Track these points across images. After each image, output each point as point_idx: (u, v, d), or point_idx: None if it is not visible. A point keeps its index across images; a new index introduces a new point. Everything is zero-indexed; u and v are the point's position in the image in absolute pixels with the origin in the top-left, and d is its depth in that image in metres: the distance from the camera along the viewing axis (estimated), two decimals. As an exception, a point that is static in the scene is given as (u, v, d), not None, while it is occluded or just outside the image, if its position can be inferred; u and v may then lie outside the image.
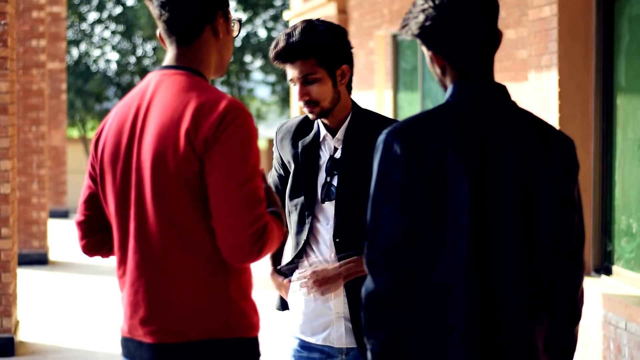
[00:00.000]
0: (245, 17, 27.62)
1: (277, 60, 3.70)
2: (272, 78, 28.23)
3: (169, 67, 2.92)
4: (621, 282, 6.45)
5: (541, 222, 2.75)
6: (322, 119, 3.77)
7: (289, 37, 3.66)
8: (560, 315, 2.84)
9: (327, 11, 14.41)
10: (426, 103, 11.27)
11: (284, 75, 4.28)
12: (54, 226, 15.95)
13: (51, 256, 13.20)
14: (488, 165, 2.71)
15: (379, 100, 12.94)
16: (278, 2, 27.81)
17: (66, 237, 15.03)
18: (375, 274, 2.69)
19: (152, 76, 2.93)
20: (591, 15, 6.72)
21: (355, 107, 3.79)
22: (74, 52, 27.59)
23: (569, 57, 6.72)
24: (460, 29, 2.74)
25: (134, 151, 2.86)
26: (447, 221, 2.68)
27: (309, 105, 3.70)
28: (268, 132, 29.94)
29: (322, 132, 3.79)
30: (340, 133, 3.76)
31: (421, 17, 2.76)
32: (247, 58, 28.02)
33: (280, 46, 3.67)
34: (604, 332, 6.19)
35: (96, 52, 28.03)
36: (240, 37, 27.17)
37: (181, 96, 2.83)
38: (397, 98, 12.48)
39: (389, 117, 3.86)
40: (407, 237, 2.68)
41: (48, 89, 14.74)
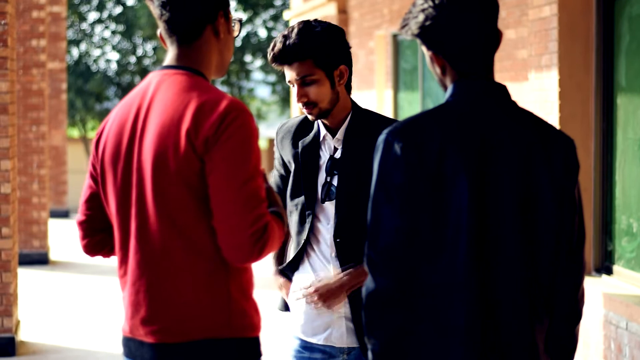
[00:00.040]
0: (246, 17, 27.62)
1: (274, 63, 3.70)
2: (272, 78, 28.22)
3: (169, 67, 2.92)
4: (622, 282, 6.45)
5: (541, 222, 2.75)
6: (322, 119, 3.77)
7: (285, 39, 3.66)
8: (560, 315, 2.84)
9: (327, 11, 14.40)
10: (426, 103, 11.27)
11: (284, 75, 4.29)
12: (54, 226, 15.95)
13: (52, 256, 13.21)
14: (488, 165, 2.71)
15: (379, 100, 12.94)
16: (278, 2, 27.80)
17: (67, 237, 15.03)
18: (375, 274, 2.69)
19: (152, 76, 2.94)
20: (591, 15, 6.72)
21: (355, 107, 3.79)
22: (74, 52, 27.58)
23: (569, 57, 6.72)
24: (459, 28, 2.74)
25: (134, 151, 2.86)
26: (447, 221, 2.68)
27: (307, 106, 3.70)
28: (268, 131, 29.92)
29: (322, 132, 3.79)
30: (340, 133, 3.76)
31: (421, 16, 2.76)
32: (248, 58, 28.01)
33: (277, 48, 3.67)
34: (605, 331, 6.19)
35: (96, 52, 28.04)
36: (241, 37, 27.16)
37: (182, 96, 2.83)
38: (397, 98, 12.47)
39: (388, 117, 3.86)
40: (407, 237, 2.68)
41: (48, 88, 14.74)
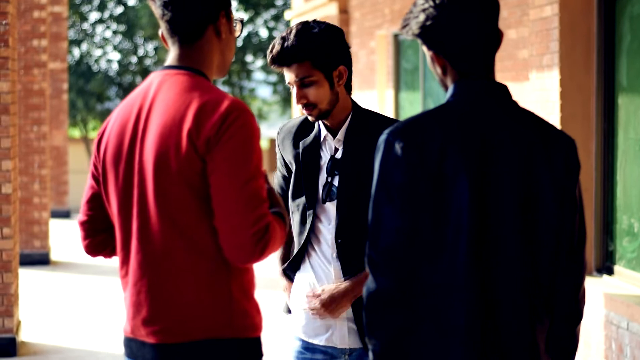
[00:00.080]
0: (247, 17, 27.62)
1: (273, 64, 3.70)
2: (273, 78, 28.22)
3: (171, 67, 2.92)
4: (623, 282, 6.45)
5: (542, 222, 2.75)
6: (322, 120, 3.77)
7: (284, 41, 3.66)
8: (561, 315, 2.84)
9: (328, 11, 14.40)
10: (427, 103, 11.27)
11: (284, 75, 4.28)
12: (55, 226, 15.95)
13: (53, 256, 13.21)
14: (489, 165, 2.71)
15: (380, 100, 12.94)
16: (279, 2, 27.80)
17: (68, 237, 15.03)
18: (376, 274, 2.69)
19: (154, 76, 2.94)
20: (592, 15, 6.72)
21: (355, 107, 3.79)
22: (76, 52, 27.58)
23: (570, 56, 6.72)
24: (460, 28, 2.74)
25: (136, 151, 2.86)
26: (448, 221, 2.68)
27: (307, 107, 3.70)
28: (270, 132, 29.94)
29: (323, 133, 3.79)
30: (341, 133, 3.76)
31: (422, 16, 2.76)
32: (249, 58, 28.02)
33: (275, 50, 3.67)
34: (606, 332, 6.19)
35: (97, 52, 28.03)
36: (242, 37, 27.16)
37: (183, 96, 2.83)
38: (398, 98, 12.47)
39: (389, 117, 3.86)
40: (408, 237, 2.68)
41: (49, 88, 14.74)
